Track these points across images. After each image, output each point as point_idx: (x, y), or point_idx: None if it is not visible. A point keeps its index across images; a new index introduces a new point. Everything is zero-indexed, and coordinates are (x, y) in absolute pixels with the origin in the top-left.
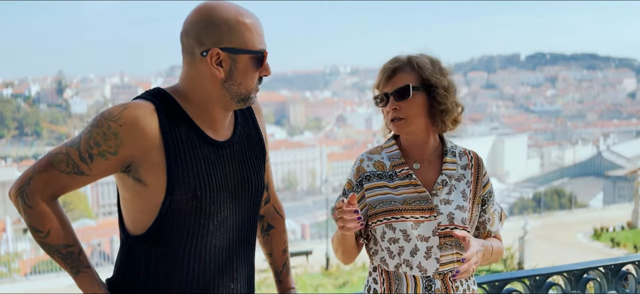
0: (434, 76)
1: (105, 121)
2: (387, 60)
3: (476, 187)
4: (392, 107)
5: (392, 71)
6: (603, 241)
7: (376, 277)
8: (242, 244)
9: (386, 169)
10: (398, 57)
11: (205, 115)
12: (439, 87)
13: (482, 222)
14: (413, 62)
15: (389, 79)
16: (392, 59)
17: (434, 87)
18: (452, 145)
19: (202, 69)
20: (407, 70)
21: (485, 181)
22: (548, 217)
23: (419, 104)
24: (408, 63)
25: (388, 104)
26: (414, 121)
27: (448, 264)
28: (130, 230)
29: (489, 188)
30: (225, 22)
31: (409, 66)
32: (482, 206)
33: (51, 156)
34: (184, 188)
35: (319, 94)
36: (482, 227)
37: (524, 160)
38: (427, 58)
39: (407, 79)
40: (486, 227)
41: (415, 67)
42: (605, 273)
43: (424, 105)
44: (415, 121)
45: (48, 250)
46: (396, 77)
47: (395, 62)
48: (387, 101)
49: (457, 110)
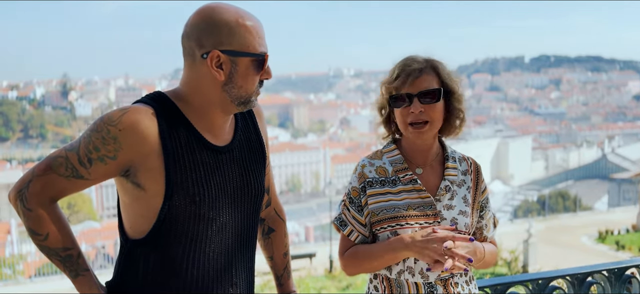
0: (451, 79)
1: (105, 125)
2: (403, 60)
3: (476, 193)
4: (418, 110)
5: (419, 71)
6: (608, 244)
7: (377, 284)
8: (242, 248)
9: (388, 174)
10: (417, 58)
11: (205, 119)
12: (456, 92)
13: (480, 228)
14: (435, 64)
15: (415, 80)
16: (410, 58)
17: (452, 92)
18: (452, 150)
19: (203, 72)
20: (431, 73)
21: (484, 187)
22: (552, 220)
23: (441, 108)
24: (430, 64)
25: (412, 106)
26: (435, 126)
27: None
28: (130, 234)
29: (486, 194)
30: (226, 24)
31: (432, 68)
32: (480, 212)
33: (50, 159)
34: (182, 193)
35: (322, 96)
36: (479, 233)
37: (529, 162)
38: (440, 62)
39: (432, 82)
40: (483, 233)
41: (437, 69)
42: (609, 276)
43: (442, 110)
44: (436, 126)
45: (47, 253)
46: (422, 79)
47: (419, 63)
48: (409, 103)
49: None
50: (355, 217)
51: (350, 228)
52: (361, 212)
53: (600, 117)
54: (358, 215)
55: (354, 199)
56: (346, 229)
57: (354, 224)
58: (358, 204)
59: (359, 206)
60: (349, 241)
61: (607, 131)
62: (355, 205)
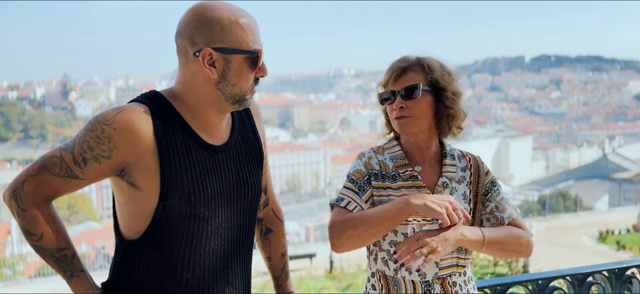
0: (443, 78)
1: (99, 124)
2: (394, 60)
3: (477, 187)
4: (398, 106)
5: (402, 70)
6: (608, 244)
7: (374, 283)
8: (238, 248)
9: (389, 169)
10: (407, 57)
11: (200, 118)
12: (447, 91)
13: (490, 211)
14: (423, 63)
15: (398, 77)
16: (401, 58)
17: (442, 90)
18: (451, 148)
19: (196, 70)
20: (416, 70)
21: (487, 176)
22: (553, 220)
23: (426, 105)
24: (418, 63)
25: (395, 102)
26: (418, 121)
27: (447, 268)
28: (125, 234)
29: (490, 178)
30: (218, 21)
31: (419, 66)
32: (484, 196)
33: (45, 159)
34: (177, 193)
35: (323, 96)
36: (492, 217)
37: (529, 163)
38: (436, 61)
39: (416, 79)
40: (496, 215)
41: (425, 67)
42: (609, 276)
43: (430, 107)
44: (420, 121)
45: (41, 253)
46: (405, 76)
47: (405, 62)
48: (394, 99)
49: (461, 116)
50: (356, 194)
51: (347, 200)
52: (363, 192)
53: (601, 117)
54: (359, 194)
55: (356, 180)
56: (343, 202)
57: (353, 198)
58: (360, 185)
59: (360, 187)
60: (345, 211)
61: (607, 131)
62: (357, 185)
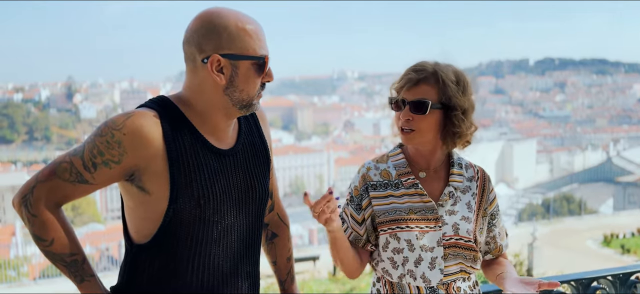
0: (456, 96)
1: (109, 129)
2: (412, 65)
3: (481, 199)
4: (405, 117)
5: (416, 82)
6: (613, 248)
7: (380, 288)
8: (246, 251)
9: (392, 177)
10: (425, 66)
11: (208, 123)
12: (457, 109)
13: (493, 236)
14: (439, 76)
15: (411, 87)
16: (418, 64)
17: (452, 108)
18: (459, 157)
19: (204, 76)
20: (430, 83)
21: (493, 196)
22: (557, 224)
23: (433, 121)
24: (433, 75)
25: (403, 112)
26: (424, 135)
27: (452, 275)
28: (135, 238)
29: (496, 204)
30: (225, 28)
31: (434, 79)
32: (491, 220)
33: (55, 164)
34: (187, 197)
35: (326, 99)
36: (493, 242)
37: (533, 166)
38: (454, 73)
39: (428, 93)
40: (497, 241)
41: (439, 81)
42: (613, 281)
43: (437, 123)
44: (425, 136)
45: (52, 258)
46: (418, 88)
47: (421, 73)
48: (403, 107)
49: (470, 131)
50: (352, 214)
51: (346, 225)
52: (359, 211)
53: (605, 120)
54: (355, 213)
55: (354, 197)
56: (343, 225)
57: (349, 222)
58: (357, 203)
59: (358, 204)
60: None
61: (612, 134)
62: (355, 203)
